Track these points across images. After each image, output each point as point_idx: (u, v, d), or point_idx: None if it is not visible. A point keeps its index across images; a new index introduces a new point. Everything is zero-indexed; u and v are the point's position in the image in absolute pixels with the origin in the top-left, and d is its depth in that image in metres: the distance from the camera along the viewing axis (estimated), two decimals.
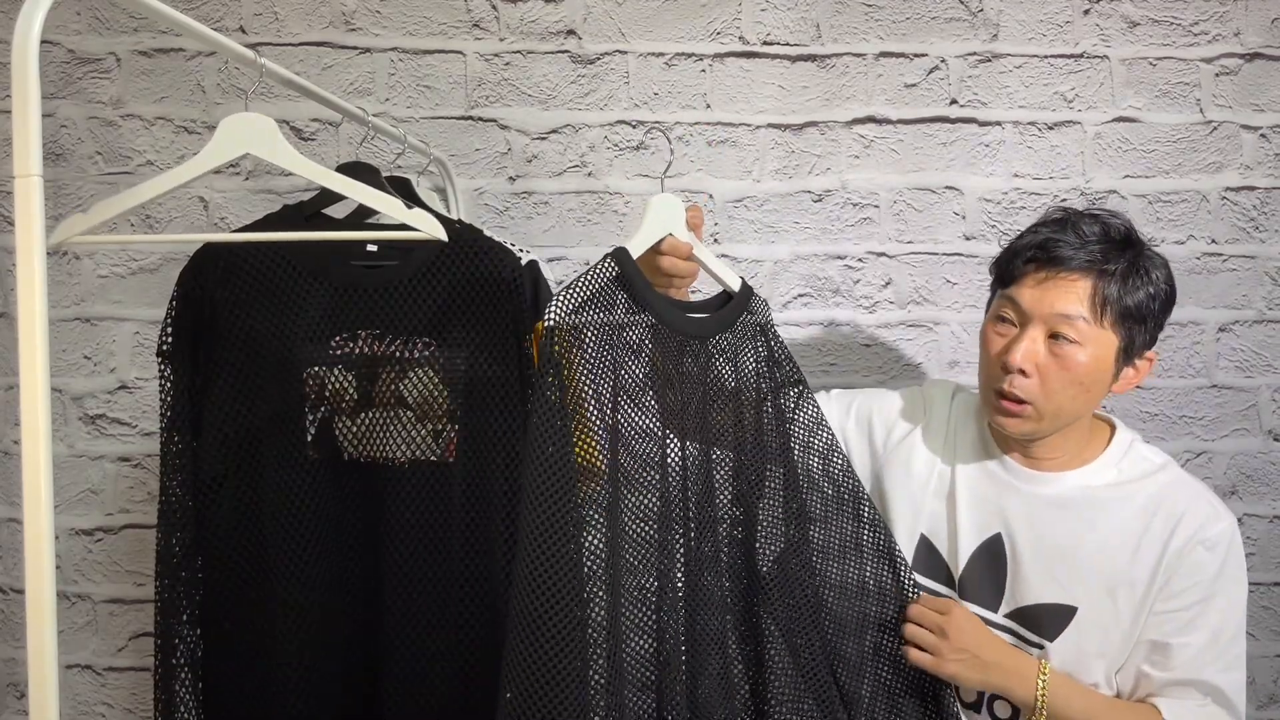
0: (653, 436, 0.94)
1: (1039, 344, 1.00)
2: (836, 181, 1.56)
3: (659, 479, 0.93)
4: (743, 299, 1.09)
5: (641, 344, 0.95)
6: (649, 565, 0.92)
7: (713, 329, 1.03)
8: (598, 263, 0.93)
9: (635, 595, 0.91)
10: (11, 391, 1.52)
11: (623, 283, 0.94)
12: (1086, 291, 0.98)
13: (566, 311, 0.89)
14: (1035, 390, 1.00)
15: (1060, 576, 1.03)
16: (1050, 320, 0.99)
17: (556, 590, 0.82)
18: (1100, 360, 1.00)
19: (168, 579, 1.06)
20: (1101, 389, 1.03)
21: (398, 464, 1.09)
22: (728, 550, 1.01)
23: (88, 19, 1.51)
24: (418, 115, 1.53)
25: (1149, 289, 1.00)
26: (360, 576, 1.10)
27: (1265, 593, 1.56)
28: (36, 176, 0.67)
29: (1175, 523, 1.01)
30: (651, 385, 0.95)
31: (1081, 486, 1.06)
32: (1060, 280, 0.99)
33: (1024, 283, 1.02)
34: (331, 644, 1.09)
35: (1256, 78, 1.56)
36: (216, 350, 1.07)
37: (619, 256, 0.94)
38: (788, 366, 1.12)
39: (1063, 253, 0.99)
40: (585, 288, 0.91)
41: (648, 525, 0.92)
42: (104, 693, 1.54)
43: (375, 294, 1.08)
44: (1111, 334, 0.99)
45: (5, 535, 1.54)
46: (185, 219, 1.52)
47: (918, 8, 1.55)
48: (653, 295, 0.96)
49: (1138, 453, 1.08)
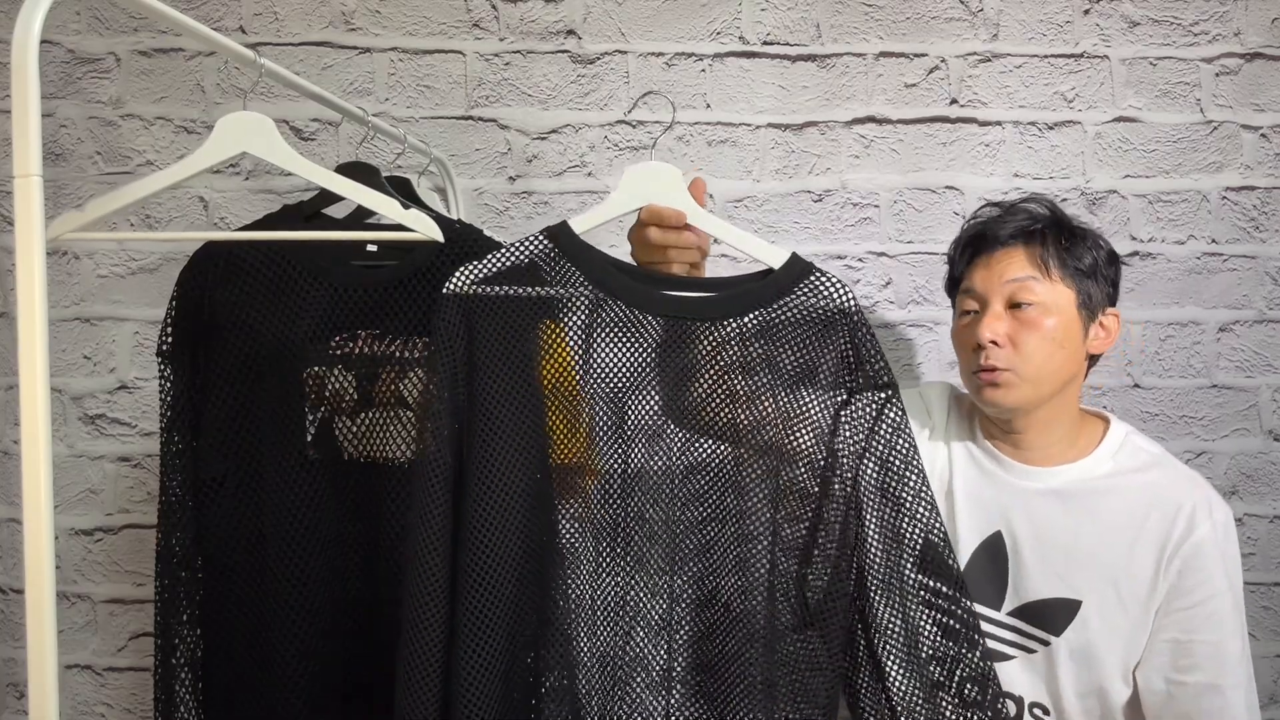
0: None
1: (1002, 316, 1.05)
2: (836, 181, 1.56)
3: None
4: (788, 277, 0.94)
5: (591, 320, 0.91)
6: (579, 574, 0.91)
7: (707, 309, 0.92)
8: (527, 237, 0.90)
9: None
10: (11, 391, 1.52)
11: (559, 256, 0.90)
12: (1026, 256, 1.05)
13: (471, 281, 0.87)
14: (1011, 356, 1.03)
15: (1062, 570, 1.03)
16: (1005, 290, 1.05)
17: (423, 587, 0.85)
18: (1063, 314, 1.04)
19: (168, 579, 1.06)
20: (1075, 346, 1.05)
21: (398, 464, 1.09)
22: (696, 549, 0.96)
23: (88, 19, 1.51)
24: (418, 115, 1.53)
25: (1084, 243, 1.07)
26: (360, 576, 1.10)
27: (1265, 593, 1.56)
28: (36, 176, 0.67)
29: (1175, 515, 1.01)
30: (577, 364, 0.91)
31: (1078, 479, 1.06)
32: (999, 255, 1.07)
33: (972, 272, 1.10)
34: (331, 644, 1.09)
35: (1256, 78, 1.56)
36: (216, 350, 1.07)
37: (553, 230, 0.91)
38: (871, 365, 0.93)
39: (994, 232, 1.08)
40: (501, 260, 0.88)
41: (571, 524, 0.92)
42: (104, 693, 1.54)
43: (375, 294, 1.08)
44: (1064, 287, 1.05)
45: (5, 535, 1.54)
46: (185, 219, 1.52)
47: (918, 8, 1.55)
48: (604, 270, 0.91)
49: (1133, 444, 1.09)
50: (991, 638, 1.08)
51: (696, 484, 0.97)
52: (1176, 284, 1.55)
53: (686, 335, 0.93)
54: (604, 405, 0.93)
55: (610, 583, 0.94)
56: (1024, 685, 1.06)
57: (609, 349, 0.93)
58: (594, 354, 0.92)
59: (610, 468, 0.93)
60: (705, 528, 0.96)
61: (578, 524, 0.93)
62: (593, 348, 0.91)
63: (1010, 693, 1.07)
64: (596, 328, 0.91)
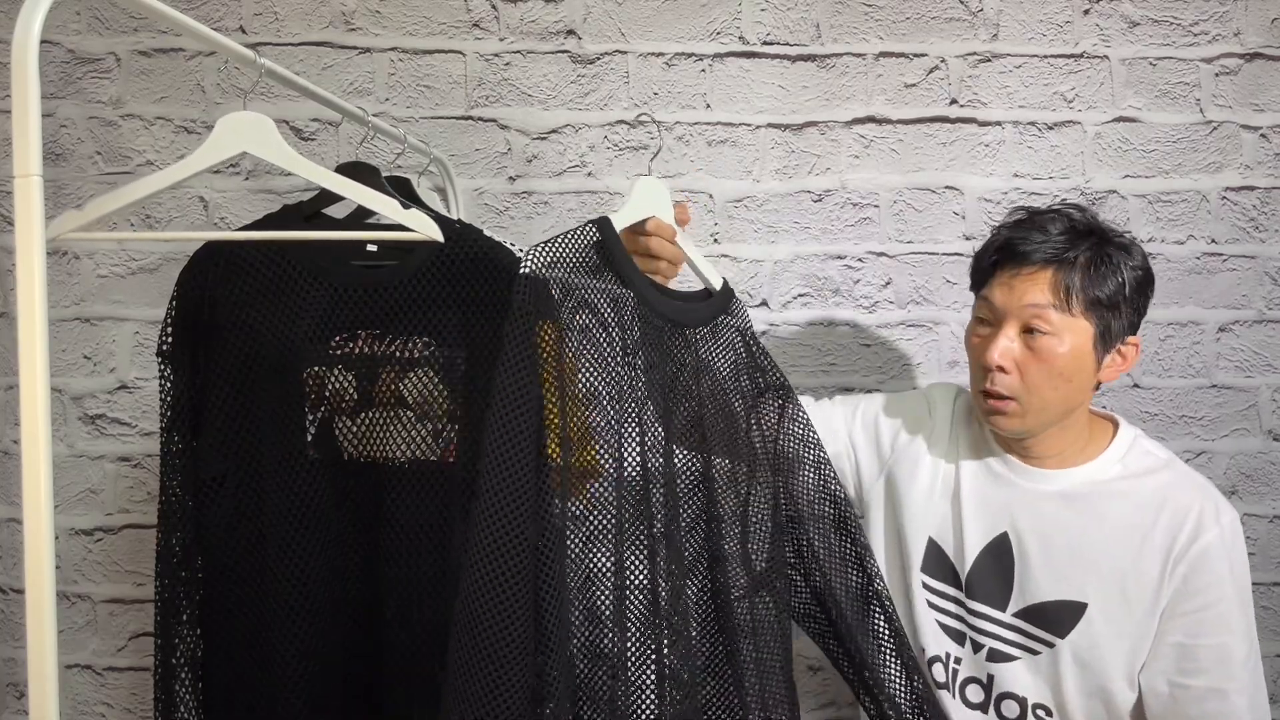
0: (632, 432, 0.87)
1: (1014, 340, 1.02)
2: (836, 181, 1.56)
3: (640, 477, 0.87)
4: (723, 299, 1.06)
5: (630, 322, 0.88)
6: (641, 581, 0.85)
7: (694, 320, 0.99)
8: (577, 226, 0.87)
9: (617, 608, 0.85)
10: (11, 391, 1.52)
11: (603, 251, 0.87)
12: (1050, 282, 1.00)
13: (544, 264, 0.80)
14: (1017, 385, 1.02)
15: (1068, 572, 1.03)
16: (1021, 314, 1.01)
17: (504, 589, 0.74)
18: (1077, 349, 1.01)
19: (168, 579, 1.06)
20: (1084, 379, 1.03)
21: (398, 464, 1.09)
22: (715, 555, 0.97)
23: (88, 19, 1.51)
24: (418, 115, 1.53)
25: (1117, 275, 1.01)
26: (360, 576, 1.10)
27: (1265, 593, 1.56)
28: (36, 176, 0.67)
29: (1183, 519, 1.01)
30: (644, 371, 0.89)
31: (1086, 481, 1.06)
32: (1024, 275, 1.01)
33: (993, 283, 1.04)
34: (331, 644, 1.09)
35: (1256, 78, 1.56)
36: (216, 350, 1.07)
37: (600, 223, 0.88)
38: (772, 373, 1.08)
39: (1024, 249, 1.02)
40: (564, 246, 0.83)
41: (635, 524, 0.87)
42: (104, 693, 1.54)
43: (375, 294, 1.08)
44: (1084, 321, 1.00)
45: (5, 535, 1.54)
46: (185, 219, 1.52)
47: (918, 8, 1.55)
48: (634, 272, 0.90)
49: (1141, 448, 1.08)
50: (996, 638, 1.08)
51: (708, 490, 0.99)
52: (1176, 284, 1.55)
53: (688, 344, 0.97)
54: (635, 408, 0.91)
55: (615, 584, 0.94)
56: (1028, 686, 1.06)
57: (648, 352, 0.91)
58: (634, 355, 0.89)
59: (632, 473, 0.90)
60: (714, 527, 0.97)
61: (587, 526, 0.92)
62: (633, 348, 0.89)
63: (1013, 693, 1.07)
64: (638, 329, 0.89)
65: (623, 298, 0.88)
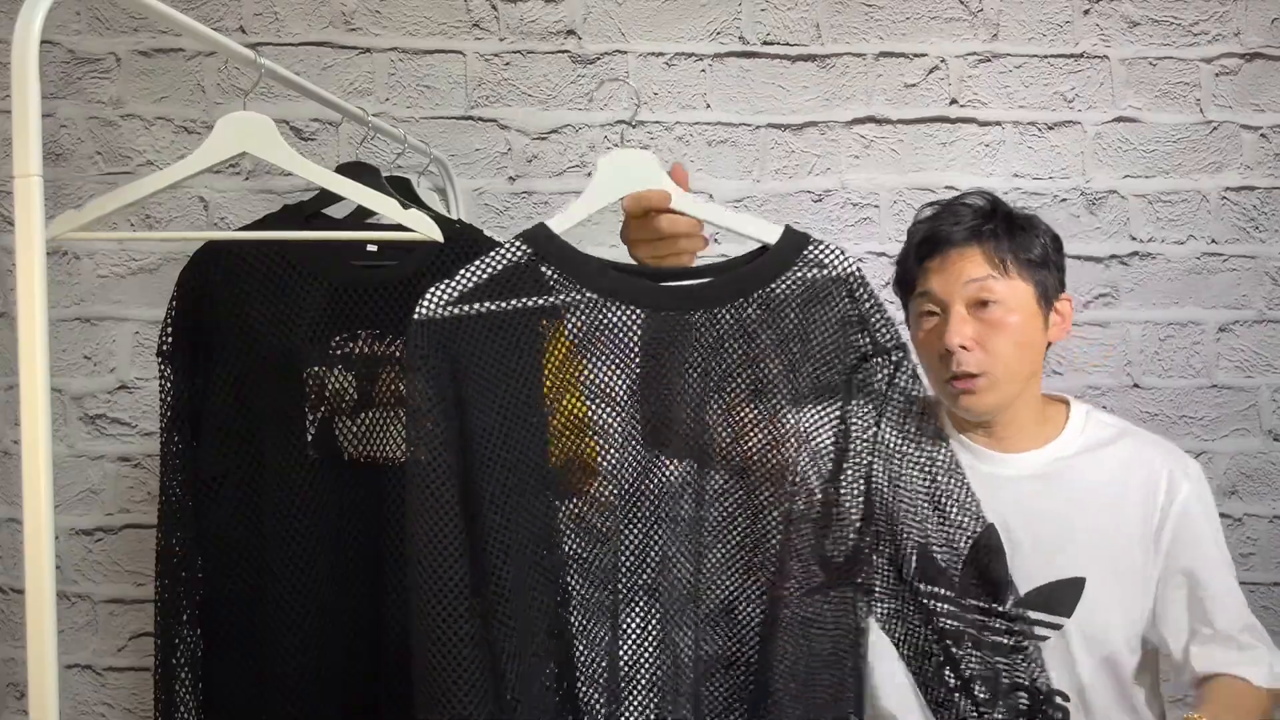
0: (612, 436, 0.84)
1: (967, 319, 1.04)
2: (836, 181, 1.56)
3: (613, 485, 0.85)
4: (786, 251, 0.88)
5: (586, 324, 0.84)
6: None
7: (710, 297, 0.87)
8: (501, 245, 0.83)
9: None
10: (11, 391, 1.52)
11: (539, 261, 0.83)
12: (982, 255, 1.04)
13: (442, 304, 0.78)
14: (982, 360, 1.03)
15: (1061, 550, 1.05)
16: (965, 292, 1.04)
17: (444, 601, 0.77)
18: (1025, 311, 1.05)
19: (168, 579, 1.06)
20: (1039, 339, 1.07)
21: (398, 464, 1.09)
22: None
23: (88, 19, 1.51)
24: (418, 115, 1.53)
25: (1038, 237, 1.07)
26: (360, 576, 1.10)
27: (1265, 593, 1.56)
28: (36, 176, 0.67)
29: (1156, 481, 1.06)
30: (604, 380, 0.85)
31: (1053, 459, 1.09)
32: (954, 255, 1.05)
33: (928, 274, 1.07)
34: (331, 644, 1.09)
35: (1256, 78, 1.56)
36: (216, 350, 1.07)
37: (530, 234, 0.84)
38: (882, 331, 0.90)
39: (947, 231, 1.06)
40: (476, 274, 0.80)
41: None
42: (104, 693, 1.54)
43: (375, 294, 1.08)
44: (1023, 283, 1.05)
45: (5, 535, 1.54)
46: (185, 219, 1.52)
47: (918, 8, 1.55)
48: (590, 270, 0.85)
49: (1097, 419, 1.13)
50: None
51: (710, 499, 0.93)
52: (1176, 284, 1.55)
53: (685, 327, 0.88)
54: (608, 410, 0.88)
55: (612, 588, 0.93)
56: None
57: (607, 352, 0.87)
58: (591, 359, 0.86)
59: (621, 476, 0.88)
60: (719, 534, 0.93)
61: (585, 533, 0.91)
62: (590, 352, 0.86)
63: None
64: (593, 331, 0.86)
65: (575, 305, 0.83)
